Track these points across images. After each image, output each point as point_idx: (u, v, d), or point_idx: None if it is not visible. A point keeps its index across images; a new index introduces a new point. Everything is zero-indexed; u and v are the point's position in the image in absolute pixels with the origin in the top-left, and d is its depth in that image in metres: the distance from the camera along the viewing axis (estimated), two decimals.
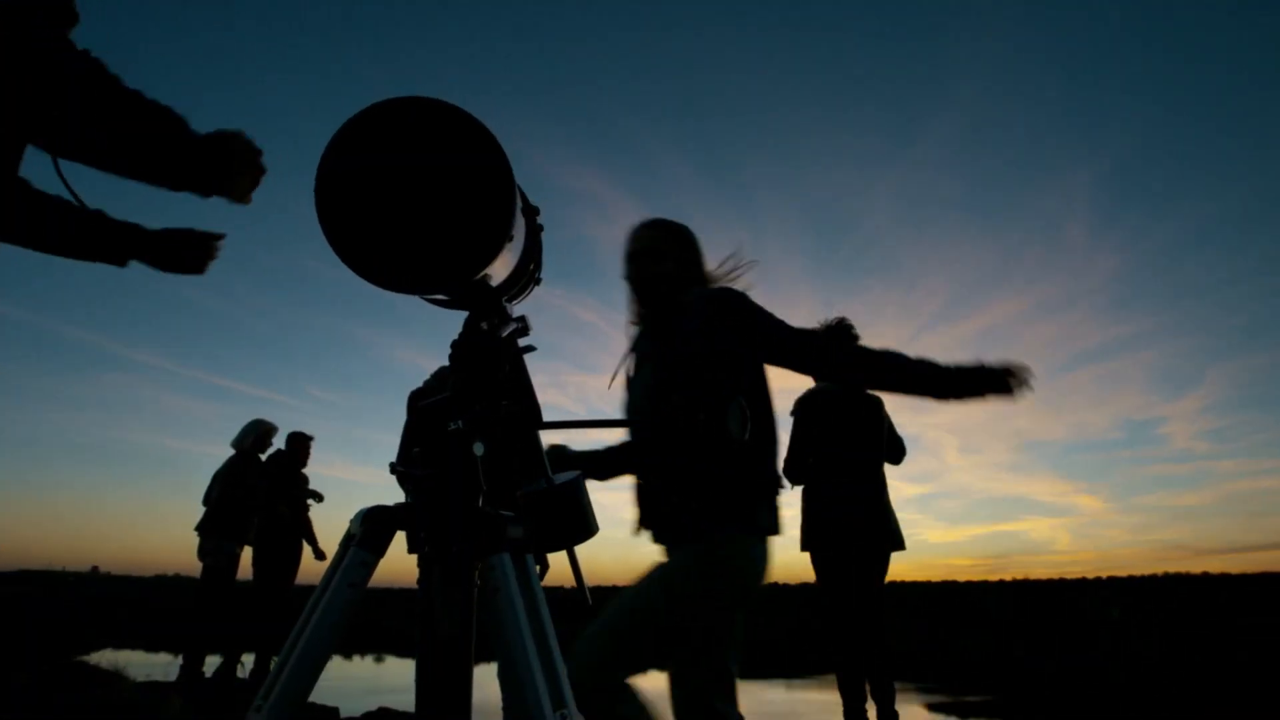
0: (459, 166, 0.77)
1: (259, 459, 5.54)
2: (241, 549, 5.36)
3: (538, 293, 1.20)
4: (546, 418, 1.08)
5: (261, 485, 5.41)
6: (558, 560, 1.11)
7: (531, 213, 1.02)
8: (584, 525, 1.09)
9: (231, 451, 5.47)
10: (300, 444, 5.92)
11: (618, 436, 2.16)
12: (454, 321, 1.15)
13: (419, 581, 0.97)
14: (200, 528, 5.26)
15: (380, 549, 0.90)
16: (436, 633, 0.96)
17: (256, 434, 5.49)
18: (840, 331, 3.94)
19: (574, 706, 0.83)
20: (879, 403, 3.83)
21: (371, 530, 0.89)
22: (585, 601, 1.13)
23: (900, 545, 3.66)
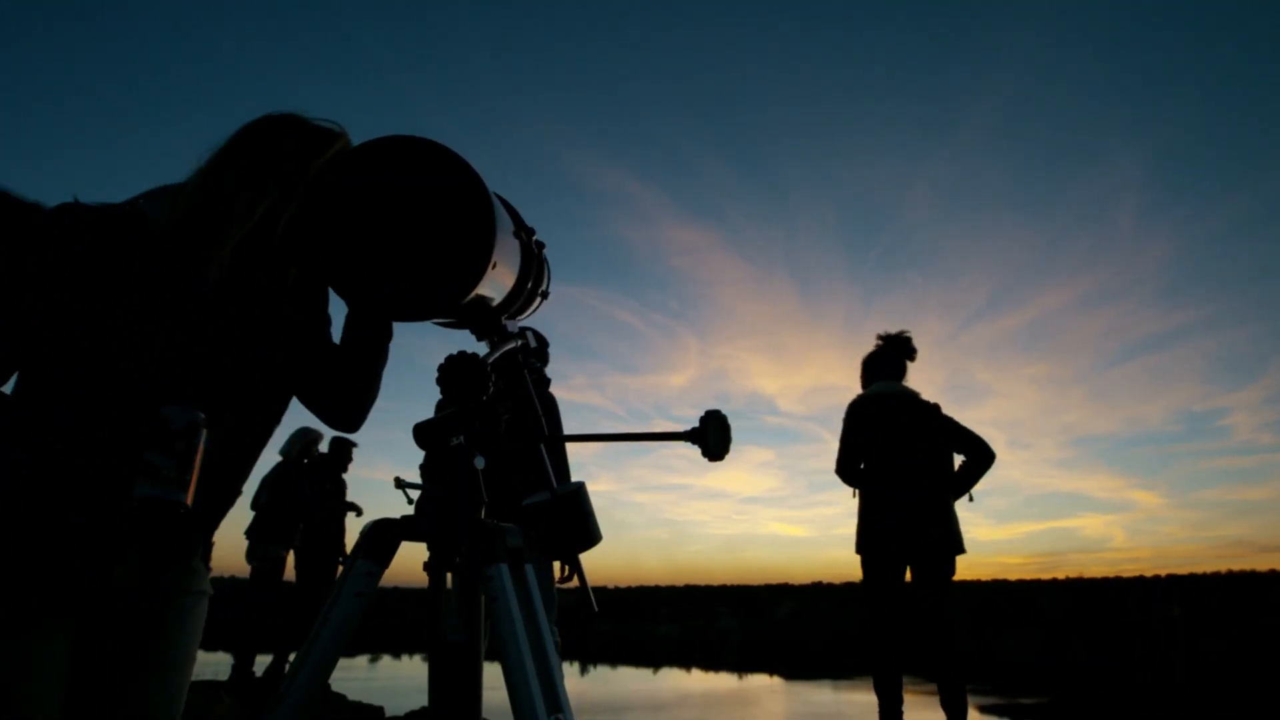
0: (438, 203, 0.82)
1: (305, 466, 5.75)
2: (288, 553, 5.58)
3: (574, 295, 1.23)
4: (580, 421, 1.11)
5: (307, 492, 5.61)
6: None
7: (526, 233, 1.06)
8: (587, 533, 1.12)
9: (279, 458, 5.70)
10: (343, 450, 6.13)
11: None
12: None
13: (427, 589, 1.01)
14: (249, 532, 5.49)
15: (385, 560, 0.94)
16: (445, 638, 1.00)
17: (303, 442, 5.69)
18: (900, 343, 3.91)
19: (569, 710, 0.87)
20: (933, 408, 3.76)
21: (376, 542, 0.94)
22: (590, 606, 1.17)
23: (955, 548, 3.55)
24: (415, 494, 3.42)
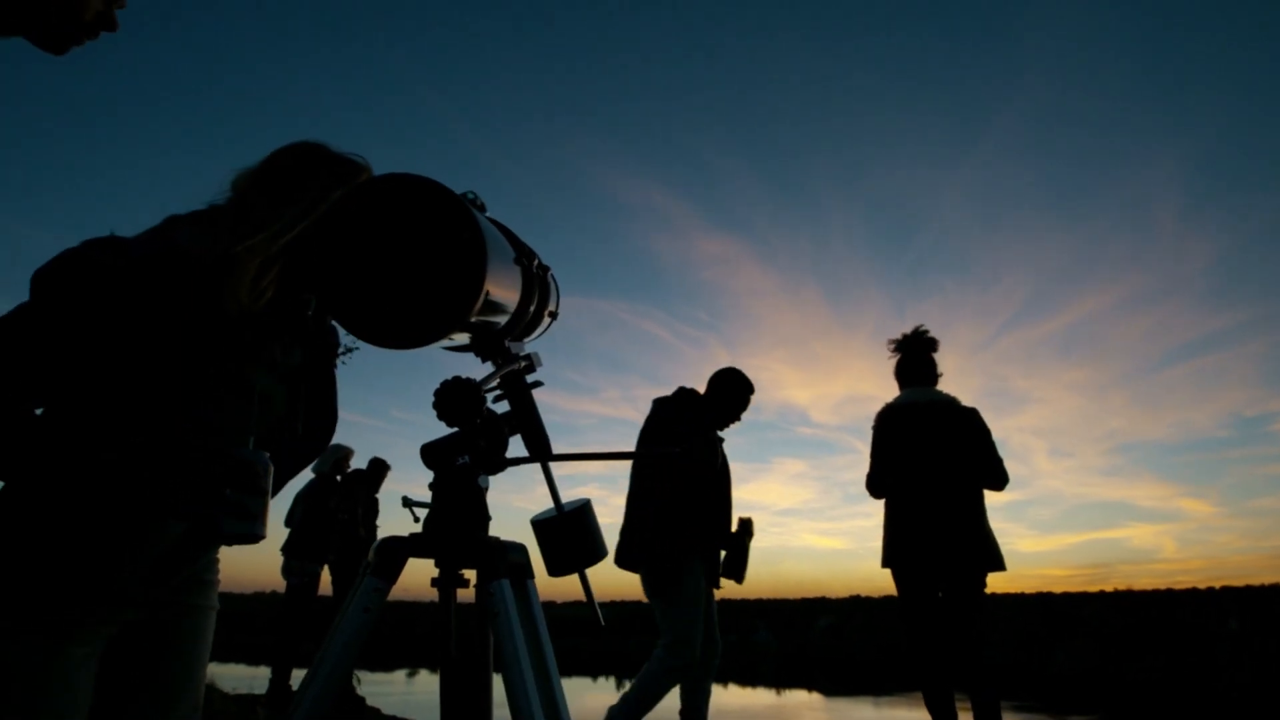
0: (428, 238, 0.86)
1: (337, 482, 5.87)
2: (322, 568, 5.69)
3: (605, 309, 1.26)
4: (616, 435, 1.14)
5: (341, 507, 5.73)
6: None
7: (527, 258, 1.09)
8: (593, 549, 1.15)
9: (311, 475, 5.84)
10: (379, 470, 6.27)
11: None
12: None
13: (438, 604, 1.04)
14: (285, 548, 5.61)
15: (392, 576, 0.98)
16: (455, 652, 1.03)
17: (336, 458, 5.82)
18: (919, 341, 3.79)
19: None
20: (971, 413, 3.62)
21: (384, 559, 0.97)
22: (597, 621, 1.19)
23: (989, 563, 3.44)
24: (422, 512, 3.50)
